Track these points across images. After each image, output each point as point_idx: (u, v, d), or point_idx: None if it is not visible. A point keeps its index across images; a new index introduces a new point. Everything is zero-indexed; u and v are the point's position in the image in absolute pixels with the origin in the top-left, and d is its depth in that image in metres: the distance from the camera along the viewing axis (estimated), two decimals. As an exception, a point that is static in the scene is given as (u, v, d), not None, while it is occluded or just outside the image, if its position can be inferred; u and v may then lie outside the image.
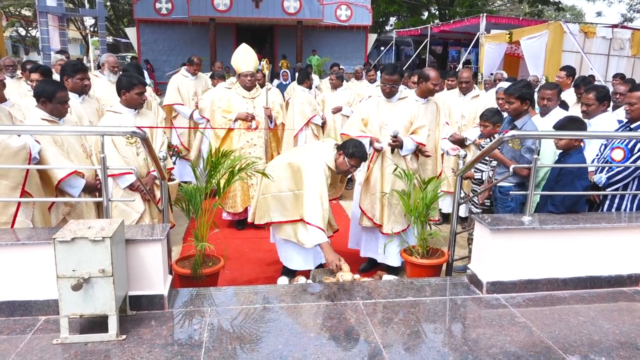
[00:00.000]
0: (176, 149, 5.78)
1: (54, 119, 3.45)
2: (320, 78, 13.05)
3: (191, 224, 4.40)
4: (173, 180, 4.30)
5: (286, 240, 3.91)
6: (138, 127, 3.04)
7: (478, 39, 13.85)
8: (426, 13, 26.78)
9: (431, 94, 4.92)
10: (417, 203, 3.78)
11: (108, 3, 27.89)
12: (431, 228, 3.92)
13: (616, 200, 3.64)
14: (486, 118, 4.20)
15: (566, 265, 3.28)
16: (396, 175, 3.99)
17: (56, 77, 4.81)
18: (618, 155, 3.57)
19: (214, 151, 3.58)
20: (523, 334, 2.73)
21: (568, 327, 2.82)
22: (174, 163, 5.26)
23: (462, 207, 4.75)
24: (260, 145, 5.46)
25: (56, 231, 2.51)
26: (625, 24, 19.84)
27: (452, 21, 17.48)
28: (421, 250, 3.79)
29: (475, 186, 4.29)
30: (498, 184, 3.77)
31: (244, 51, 5.40)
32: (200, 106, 6.66)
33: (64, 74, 4.11)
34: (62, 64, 4.79)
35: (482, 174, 4.16)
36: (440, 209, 5.67)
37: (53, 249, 2.41)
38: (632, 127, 3.62)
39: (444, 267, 3.78)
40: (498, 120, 4.18)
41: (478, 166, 4.12)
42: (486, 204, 4.12)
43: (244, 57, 5.36)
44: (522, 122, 3.72)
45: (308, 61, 18.41)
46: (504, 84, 5.18)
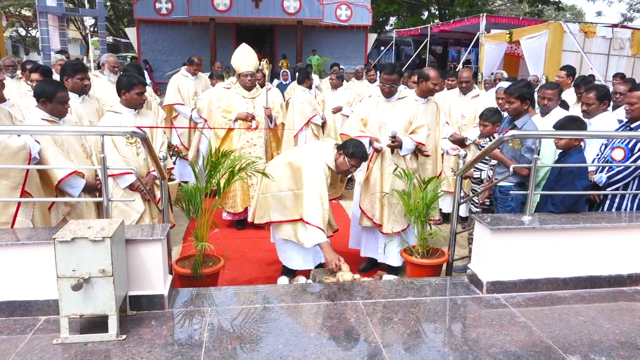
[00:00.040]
0: (176, 149, 5.78)
1: (54, 119, 3.45)
2: (320, 78, 13.05)
3: (191, 224, 4.40)
4: (173, 180, 4.30)
5: (286, 240, 3.92)
6: (138, 127, 3.05)
7: (478, 39, 13.85)
8: (426, 13, 26.76)
9: (431, 94, 4.93)
10: (417, 203, 3.78)
11: (108, 3, 27.90)
12: (431, 228, 3.93)
13: (616, 200, 3.65)
14: (486, 117, 4.21)
15: (566, 265, 3.28)
16: (396, 175, 4.00)
17: (56, 77, 4.81)
18: (618, 154, 3.57)
19: (214, 151, 3.58)
20: (523, 334, 2.73)
21: (568, 327, 2.82)
22: (174, 163, 5.26)
23: (462, 207, 4.75)
24: (260, 145, 5.47)
25: (56, 231, 2.51)
26: (625, 24, 19.88)
27: (452, 21, 17.49)
28: (421, 250, 3.79)
29: (474, 185, 4.29)
30: (498, 184, 3.77)
31: (244, 51, 5.40)
32: (198, 106, 6.66)
33: (64, 74, 4.11)
34: (62, 64, 4.79)
35: (481, 173, 4.16)
36: (440, 209, 5.67)
37: (53, 249, 2.41)
38: (633, 127, 3.62)
39: (444, 267, 3.78)
40: (497, 119, 4.19)
41: (477, 165, 4.12)
42: (486, 203, 4.12)
43: (244, 57, 5.37)
44: (522, 122, 3.72)
45: (308, 61, 18.40)
46: (504, 84, 5.18)
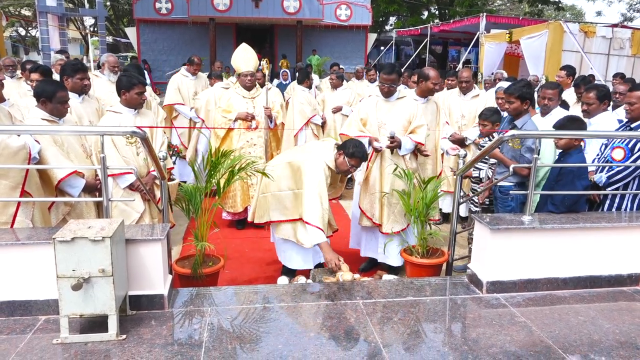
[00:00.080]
0: (176, 149, 5.78)
1: (54, 119, 3.45)
2: (320, 78, 13.04)
3: (191, 224, 4.40)
4: (173, 180, 4.30)
5: (285, 239, 3.92)
6: (138, 127, 3.04)
7: (478, 39, 13.85)
8: (426, 13, 26.74)
9: (431, 94, 4.93)
10: (417, 203, 3.78)
11: (108, 3, 27.88)
12: (431, 228, 3.93)
13: (616, 199, 3.64)
14: (485, 117, 4.23)
15: (566, 264, 3.28)
16: (396, 175, 3.99)
17: (56, 77, 4.81)
18: (618, 154, 3.57)
19: (214, 151, 3.58)
20: (523, 334, 2.73)
21: (568, 327, 2.82)
22: (174, 163, 5.26)
23: (462, 207, 4.75)
24: (260, 145, 5.47)
25: (56, 231, 2.51)
26: (625, 24, 19.89)
27: (452, 21, 17.48)
28: (421, 250, 3.79)
29: (474, 185, 4.30)
30: (498, 184, 3.77)
31: (244, 51, 5.40)
32: (195, 106, 6.67)
33: (64, 74, 4.11)
34: (62, 64, 4.79)
35: (480, 172, 4.17)
36: (440, 209, 5.67)
37: (53, 249, 2.41)
38: (633, 127, 3.62)
39: (444, 267, 3.79)
40: (497, 119, 4.20)
41: (476, 164, 4.12)
42: (485, 203, 4.12)
43: (244, 57, 5.37)
44: (523, 122, 3.72)
45: (308, 61, 18.40)
46: (504, 84, 5.18)
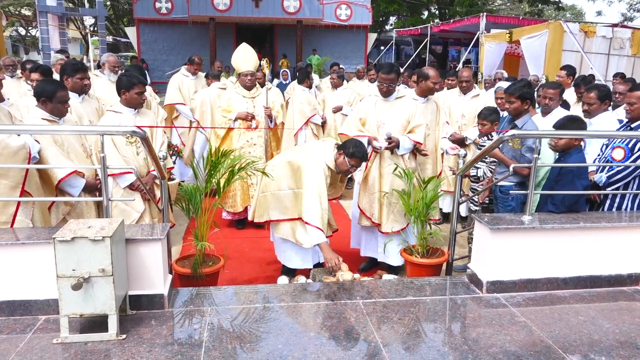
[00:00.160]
0: (176, 149, 5.78)
1: (54, 119, 3.45)
2: (320, 78, 13.03)
3: (191, 224, 4.40)
4: (173, 179, 4.30)
5: (284, 239, 3.92)
6: (138, 127, 3.04)
7: (478, 39, 13.84)
8: (426, 12, 26.74)
9: (431, 93, 4.93)
10: (417, 202, 3.78)
11: (108, 2, 27.86)
12: (431, 227, 3.92)
13: (617, 199, 3.64)
14: (484, 117, 4.26)
15: (566, 264, 3.28)
16: (396, 174, 3.99)
17: (56, 77, 4.81)
18: (618, 154, 3.56)
19: (214, 151, 3.58)
20: (523, 334, 2.73)
21: (568, 327, 2.82)
22: (174, 162, 5.26)
23: (463, 206, 4.75)
24: (260, 144, 5.47)
25: (56, 231, 2.51)
26: (625, 23, 19.89)
27: (452, 20, 17.48)
28: (421, 249, 3.78)
29: (473, 184, 4.30)
30: (498, 183, 3.77)
31: (244, 50, 5.40)
32: (191, 106, 6.67)
33: (64, 74, 4.11)
34: (62, 64, 4.79)
35: (478, 171, 4.17)
36: (440, 209, 5.67)
37: (53, 249, 2.41)
38: (633, 127, 3.62)
39: (444, 267, 3.78)
40: (495, 118, 4.25)
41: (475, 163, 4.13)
42: (485, 202, 4.12)
43: (244, 57, 5.37)
44: (523, 122, 3.72)
45: (308, 60, 18.39)
46: (503, 84, 5.18)
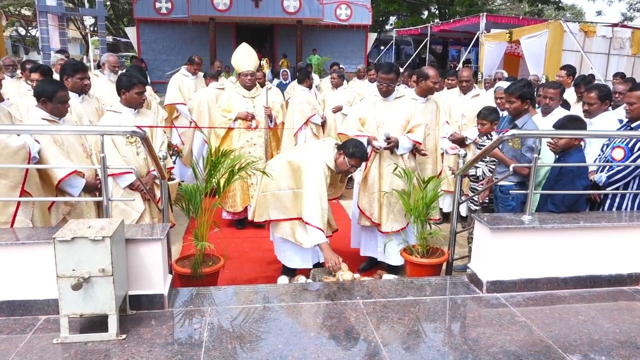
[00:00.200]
0: (176, 149, 5.78)
1: (54, 119, 3.45)
2: (320, 77, 13.03)
3: (191, 224, 4.40)
4: (173, 179, 4.30)
5: (284, 239, 3.92)
6: (138, 127, 3.04)
7: (478, 38, 13.84)
8: (426, 12, 26.73)
9: (431, 93, 4.93)
10: (417, 202, 3.78)
11: (108, 2, 27.85)
12: (431, 227, 3.92)
13: (617, 199, 3.64)
14: (483, 116, 4.29)
15: (566, 264, 3.28)
16: (396, 174, 3.99)
17: (56, 77, 4.81)
18: (618, 154, 3.56)
19: (214, 150, 3.58)
20: (523, 333, 2.73)
21: (568, 326, 2.82)
22: (174, 162, 5.25)
23: (463, 206, 4.75)
24: (260, 144, 5.47)
25: (56, 231, 2.51)
26: (625, 23, 19.87)
27: (452, 20, 17.48)
28: (421, 249, 3.78)
29: (472, 183, 4.30)
30: (499, 183, 3.77)
31: (244, 50, 5.40)
32: (189, 106, 6.68)
33: (64, 74, 4.11)
34: (62, 64, 4.79)
35: (477, 170, 4.17)
36: (440, 208, 5.67)
37: (53, 249, 2.41)
38: (633, 127, 3.62)
39: (444, 267, 3.78)
40: (495, 118, 4.27)
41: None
42: (485, 202, 4.12)
43: (244, 57, 5.37)
44: (523, 122, 3.72)
45: (308, 60, 18.38)
46: (503, 84, 5.19)
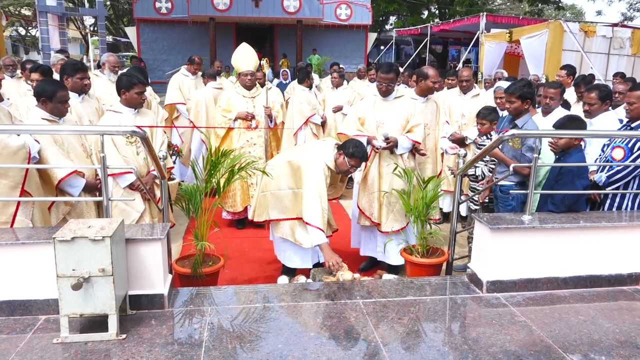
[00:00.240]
0: (176, 148, 5.77)
1: (54, 119, 3.45)
2: (320, 77, 13.03)
3: (191, 223, 4.40)
4: (173, 179, 4.30)
5: (284, 239, 3.92)
6: (138, 127, 3.04)
7: (478, 38, 13.84)
8: (426, 12, 26.74)
9: (431, 92, 4.93)
10: (417, 202, 3.78)
11: (108, 2, 27.85)
12: (431, 227, 3.92)
13: (617, 199, 3.64)
14: (483, 116, 4.30)
15: (566, 264, 3.28)
16: (396, 174, 3.99)
17: (56, 77, 4.81)
18: (618, 154, 3.56)
19: (214, 150, 3.58)
20: (523, 333, 2.73)
21: (568, 326, 2.82)
22: (174, 162, 5.25)
23: (463, 206, 4.75)
24: (260, 144, 5.47)
25: (56, 230, 2.51)
26: (625, 23, 19.85)
27: (452, 20, 17.49)
28: (421, 249, 3.78)
29: (472, 183, 4.30)
30: (499, 183, 3.77)
31: (244, 50, 5.40)
32: (187, 106, 6.68)
33: (64, 73, 4.11)
34: (63, 64, 4.79)
35: (476, 170, 4.17)
36: (440, 208, 5.67)
37: (53, 248, 2.41)
38: (633, 127, 3.62)
39: (444, 266, 3.78)
40: (494, 118, 4.29)
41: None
42: (485, 201, 4.12)
43: (244, 57, 5.37)
44: (523, 121, 3.72)
45: (308, 60, 18.38)
46: (502, 83, 5.19)
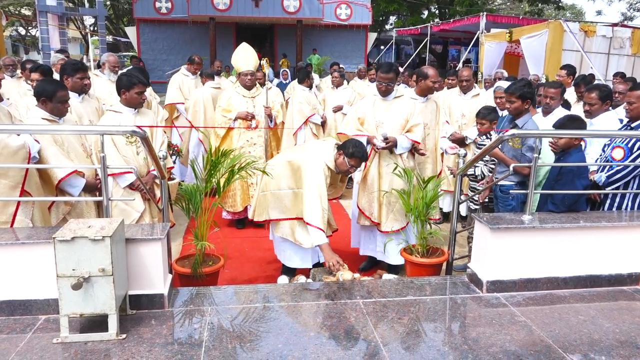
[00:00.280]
0: (176, 148, 5.78)
1: (54, 119, 3.45)
2: (320, 77, 13.03)
3: (191, 223, 4.40)
4: (173, 179, 4.30)
5: (284, 238, 3.92)
6: (138, 127, 3.04)
7: (478, 38, 13.84)
8: (426, 12, 26.73)
9: (430, 92, 4.93)
10: (417, 202, 3.78)
11: (108, 2, 27.84)
12: (431, 227, 3.92)
13: (617, 199, 3.64)
14: (482, 116, 4.31)
15: (566, 264, 3.28)
16: (396, 174, 3.99)
17: (56, 77, 4.81)
18: (618, 154, 3.56)
19: (214, 150, 3.58)
20: (523, 333, 2.73)
21: (568, 326, 2.82)
22: (174, 162, 5.25)
23: (462, 206, 4.75)
24: (260, 144, 5.47)
25: (56, 230, 2.51)
26: (625, 23, 19.84)
27: (452, 20, 17.49)
28: (421, 249, 3.78)
29: (472, 183, 4.31)
30: (499, 183, 3.77)
31: (244, 50, 5.40)
32: (185, 106, 6.69)
33: (64, 73, 4.11)
34: (63, 63, 4.79)
35: (475, 170, 4.17)
36: (441, 208, 5.67)
37: (53, 248, 2.41)
38: (633, 126, 3.62)
39: (444, 266, 3.78)
40: (494, 117, 4.30)
41: (472, 162, 4.14)
42: (485, 201, 4.12)
43: (244, 56, 5.37)
44: (523, 121, 3.72)
45: (308, 60, 18.38)
46: (502, 83, 5.19)
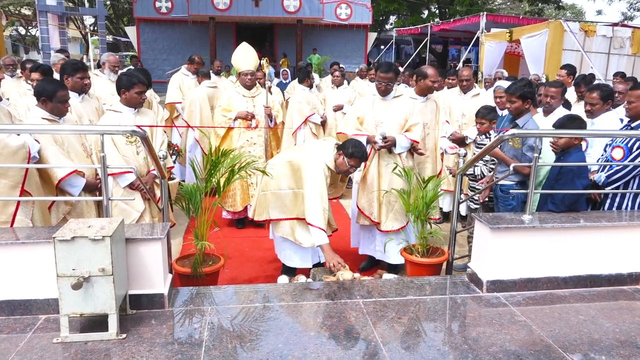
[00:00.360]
0: (176, 148, 5.77)
1: (55, 118, 3.45)
2: (320, 77, 13.02)
3: (191, 223, 4.40)
4: (173, 179, 4.30)
5: (284, 238, 3.92)
6: (138, 126, 3.04)
7: (478, 38, 13.83)
8: (426, 12, 26.73)
9: (430, 92, 4.93)
10: (417, 201, 3.78)
11: (108, 2, 27.85)
12: (431, 227, 3.92)
13: (617, 199, 3.64)
14: (482, 115, 4.32)
15: (566, 263, 3.28)
16: (396, 173, 3.99)
17: (56, 76, 4.81)
18: (618, 154, 3.56)
19: (214, 150, 3.58)
20: (523, 333, 2.73)
21: (568, 326, 2.82)
22: (174, 162, 5.25)
23: (463, 206, 4.75)
24: (260, 144, 5.47)
25: (56, 230, 2.51)
26: (625, 23, 19.84)
27: (452, 20, 17.48)
28: (421, 249, 3.78)
29: (472, 182, 4.31)
30: (499, 183, 3.77)
31: (244, 50, 5.40)
32: (181, 105, 6.69)
33: (64, 73, 4.11)
34: (63, 63, 4.79)
35: (475, 169, 4.17)
36: (441, 208, 5.67)
37: (53, 248, 2.41)
38: (633, 126, 3.62)
39: (444, 266, 3.78)
40: (493, 117, 4.31)
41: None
42: (485, 201, 4.12)
43: (244, 56, 5.37)
44: (524, 121, 3.72)
45: (308, 60, 18.37)
46: (502, 83, 5.19)
